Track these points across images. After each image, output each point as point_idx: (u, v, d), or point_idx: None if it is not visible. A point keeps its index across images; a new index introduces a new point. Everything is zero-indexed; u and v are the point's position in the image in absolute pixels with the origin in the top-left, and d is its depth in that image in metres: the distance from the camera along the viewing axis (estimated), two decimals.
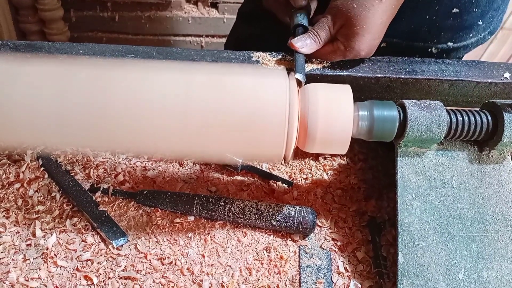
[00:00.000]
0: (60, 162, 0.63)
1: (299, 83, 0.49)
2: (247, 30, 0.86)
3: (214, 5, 1.55)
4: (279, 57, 0.60)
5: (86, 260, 0.52)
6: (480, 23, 0.66)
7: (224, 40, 1.58)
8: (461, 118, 0.50)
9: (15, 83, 0.45)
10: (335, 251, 0.56)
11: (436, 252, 0.50)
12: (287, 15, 0.62)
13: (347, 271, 0.54)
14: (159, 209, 0.58)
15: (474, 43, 0.69)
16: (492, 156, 0.53)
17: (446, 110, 0.50)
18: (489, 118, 0.50)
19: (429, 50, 0.66)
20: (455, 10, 0.62)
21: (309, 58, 0.58)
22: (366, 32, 0.53)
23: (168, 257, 0.53)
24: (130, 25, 1.55)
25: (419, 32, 0.65)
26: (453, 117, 0.50)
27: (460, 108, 0.51)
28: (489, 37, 0.70)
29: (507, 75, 0.59)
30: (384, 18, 0.53)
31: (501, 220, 0.51)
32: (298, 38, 0.57)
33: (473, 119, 0.50)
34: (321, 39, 0.56)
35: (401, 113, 0.49)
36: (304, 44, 0.56)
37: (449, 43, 0.67)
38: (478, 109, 0.52)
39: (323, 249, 0.56)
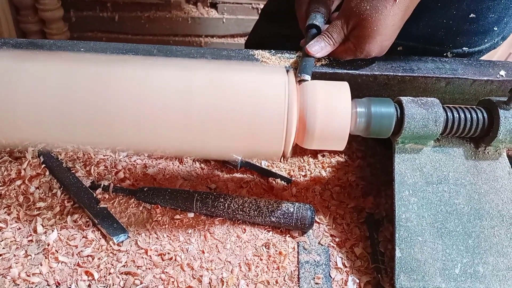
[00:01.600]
0: (61, 159, 0.63)
1: (303, 81, 0.50)
2: (271, 30, 0.86)
3: (214, 6, 1.56)
4: (279, 55, 0.61)
5: (87, 256, 0.53)
6: (495, 28, 0.66)
7: (224, 40, 1.59)
8: (457, 115, 0.51)
9: (17, 80, 0.46)
10: (333, 247, 0.57)
11: (433, 247, 0.50)
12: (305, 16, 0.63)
13: (345, 266, 0.55)
14: (159, 206, 0.59)
15: (488, 48, 0.70)
16: (488, 152, 0.53)
17: (443, 107, 0.51)
18: (485, 115, 0.51)
19: (445, 54, 0.67)
20: (472, 15, 0.63)
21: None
22: (378, 34, 0.54)
23: (168, 253, 0.54)
24: (129, 25, 1.56)
25: (436, 36, 0.66)
26: (449, 114, 0.50)
27: (456, 105, 0.52)
28: (501, 42, 0.70)
29: (502, 73, 0.60)
30: (396, 20, 0.54)
31: (497, 215, 0.52)
32: (312, 43, 0.58)
33: (469, 116, 0.51)
34: (335, 41, 0.58)
35: (398, 110, 0.50)
36: (319, 48, 0.58)
37: (464, 48, 0.67)
38: (474, 106, 0.52)
39: (322, 245, 0.57)
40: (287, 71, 0.49)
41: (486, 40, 0.68)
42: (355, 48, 0.57)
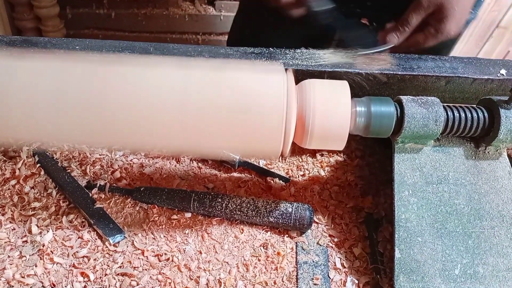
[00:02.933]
0: (56, 158, 0.63)
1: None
2: (250, 22, 0.86)
3: (211, 3, 1.55)
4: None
5: (83, 257, 0.52)
6: None
7: (221, 37, 1.58)
8: (457, 114, 0.50)
9: (12, 79, 0.45)
10: (332, 247, 0.56)
11: (433, 247, 0.50)
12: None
13: (344, 267, 0.54)
14: (156, 206, 0.58)
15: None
16: (488, 152, 0.53)
17: (443, 106, 0.50)
18: (486, 115, 0.50)
19: None
20: None
21: (395, 50, 0.61)
22: (458, 13, 0.57)
23: (165, 254, 0.53)
24: (126, 22, 1.55)
25: None
26: (449, 113, 0.50)
27: (456, 105, 0.51)
28: None
29: (503, 71, 0.59)
30: None
31: (497, 216, 0.51)
32: (388, 30, 0.59)
33: (469, 115, 0.50)
34: (412, 27, 0.59)
35: (398, 109, 0.49)
36: (394, 36, 0.60)
37: None
38: (474, 105, 0.52)
39: (320, 245, 0.56)
40: (286, 69, 0.48)
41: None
42: (436, 31, 0.59)
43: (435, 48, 0.63)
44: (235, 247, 0.55)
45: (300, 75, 0.56)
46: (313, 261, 0.54)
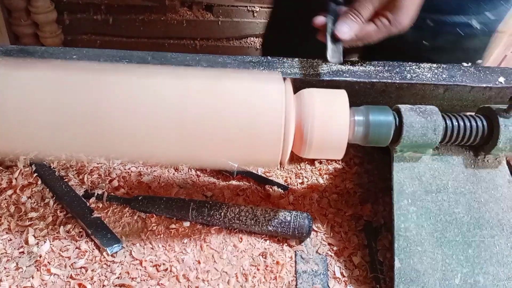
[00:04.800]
0: (53, 168, 0.62)
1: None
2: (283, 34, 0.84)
3: (209, 8, 1.55)
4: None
5: (80, 268, 0.52)
6: None
7: (219, 43, 1.58)
8: (456, 123, 0.50)
9: (8, 88, 0.45)
10: (331, 256, 0.56)
11: (433, 257, 0.50)
12: None
13: (344, 276, 0.54)
14: (154, 215, 0.58)
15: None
16: (487, 160, 0.53)
17: (442, 115, 0.50)
18: (485, 123, 0.50)
19: (470, 23, 0.66)
20: None
21: (347, 43, 0.56)
22: (412, 3, 0.54)
23: (164, 264, 0.53)
24: (124, 28, 1.55)
25: (461, 6, 0.65)
26: (448, 122, 0.50)
27: (455, 113, 0.51)
28: None
29: (501, 79, 0.59)
30: None
31: (497, 224, 0.51)
32: (339, 23, 0.54)
33: (468, 124, 0.50)
34: (364, 18, 0.55)
35: (397, 118, 0.49)
36: (347, 29, 0.55)
37: (487, 13, 0.66)
38: (473, 113, 0.52)
39: (319, 254, 0.56)
40: (284, 78, 0.48)
41: (508, 6, 0.67)
42: (390, 22, 0.55)
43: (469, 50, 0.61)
44: (234, 256, 0.55)
45: (299, 84, 0.56)
46: (313, 270, 0.54)
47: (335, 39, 0.55)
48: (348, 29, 0.55)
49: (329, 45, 0.55)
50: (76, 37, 1.57)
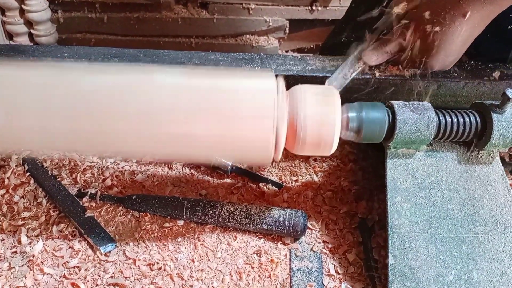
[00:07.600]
0: (46, 167, 0.62)
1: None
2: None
3: (204, 6, 1.54)
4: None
5: (74, 267, 0.52)
6: None
7: (214, 41, 1.57)
8: (449, 119, 0.50)
9: None
10: (326, 253, 0.56)
11: (427, 253, 0.49)
12: None
13: (338, 273, 0.54)
14: (148, 214, 0.58)
15: None
16: (481, 156, 0.53)
17: (435, 111, 0.50)
18: (478, 119, 0.50)
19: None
20: None
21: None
22: (442, 49, 0.51)
23: (157, 263, 0.53)
24: (118, 26, 1.53)
25: (497, 47, 0.62)
26: (441, 118, 0.50)
27: (448, 109, 0.51)
28: None
29: (495, 75, 0.59)
30: (465, 36, 0.50)
31: (491, 220, 0.51)
32: (369, 51, 0.56)
33: (461, 120, 0.50)
34: (391, 53, 0.56)
35: (390, 115, 0.49)
36: (374, 60, 0.56)
37: None
38: (466, 110, 0.52)
39: (314, 251, 0.56)
40: (276, 75, 0.48)
41: None
42: (416, 61, 0.54)
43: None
44: (228, 254, 0.55)
45: (292, 81, 0.55)
46: (307, 268, 0.54)
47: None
48: (375, 60, 0.56)
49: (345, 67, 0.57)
50: (70, 35, 1.56)
